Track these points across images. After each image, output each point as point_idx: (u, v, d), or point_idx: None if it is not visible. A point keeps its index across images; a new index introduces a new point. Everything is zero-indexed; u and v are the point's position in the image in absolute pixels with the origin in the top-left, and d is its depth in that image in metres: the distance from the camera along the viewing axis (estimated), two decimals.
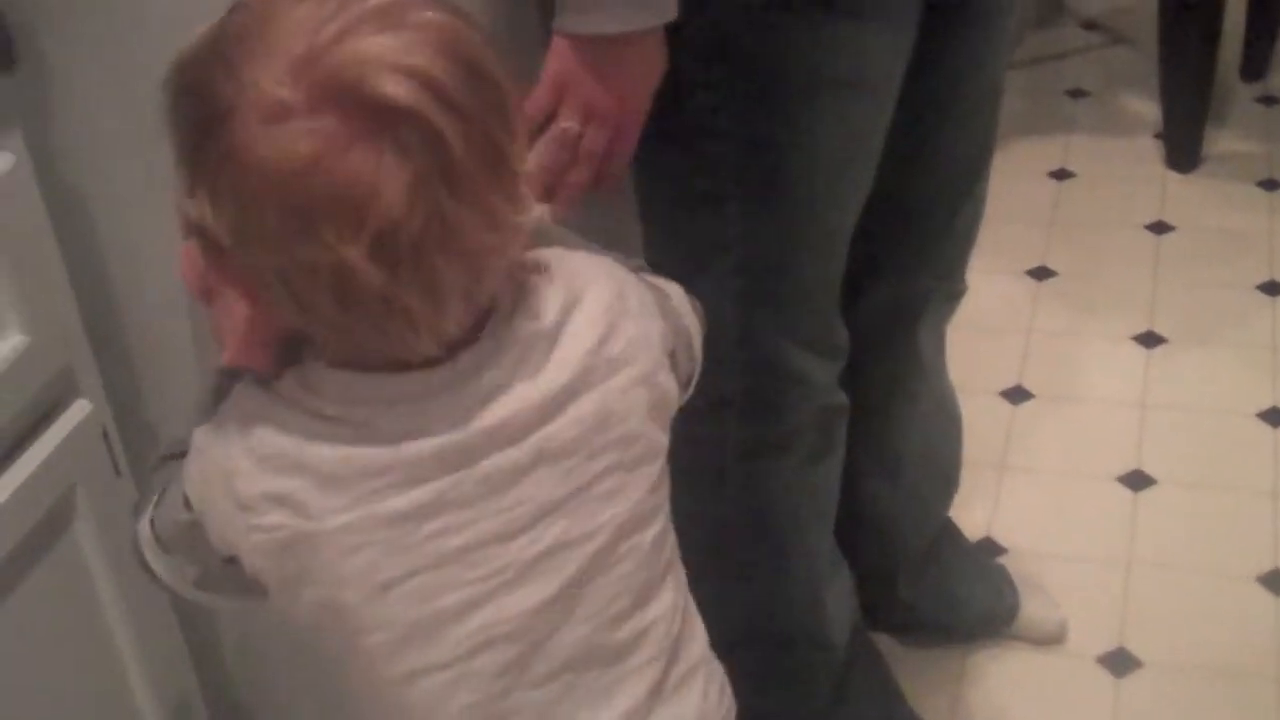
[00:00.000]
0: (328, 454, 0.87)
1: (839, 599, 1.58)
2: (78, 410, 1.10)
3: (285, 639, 1.24)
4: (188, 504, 0.89)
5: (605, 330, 0.90)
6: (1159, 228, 2.45)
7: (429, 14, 0.80)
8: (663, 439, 0.95)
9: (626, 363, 0.91)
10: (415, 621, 0.90)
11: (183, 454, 0.90)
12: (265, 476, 0.87)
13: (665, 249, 1.34)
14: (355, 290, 0.80)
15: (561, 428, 0.89)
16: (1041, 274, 2.38)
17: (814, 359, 1.38)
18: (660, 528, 0.96)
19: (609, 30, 1.12)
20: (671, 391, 0.95)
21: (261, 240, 0.80)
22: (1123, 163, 2.64)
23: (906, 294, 1.50)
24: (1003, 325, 2.27)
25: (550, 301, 0.90)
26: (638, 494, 0.93)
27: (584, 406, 0.90)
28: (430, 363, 0.87)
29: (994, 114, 1.42)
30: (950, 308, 1.57)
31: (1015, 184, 2.54)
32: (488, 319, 0.88)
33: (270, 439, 0.87)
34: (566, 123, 1.16)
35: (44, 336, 1.05)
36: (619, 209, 1.37)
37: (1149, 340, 2.21)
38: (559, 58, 1.14)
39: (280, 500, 0.87)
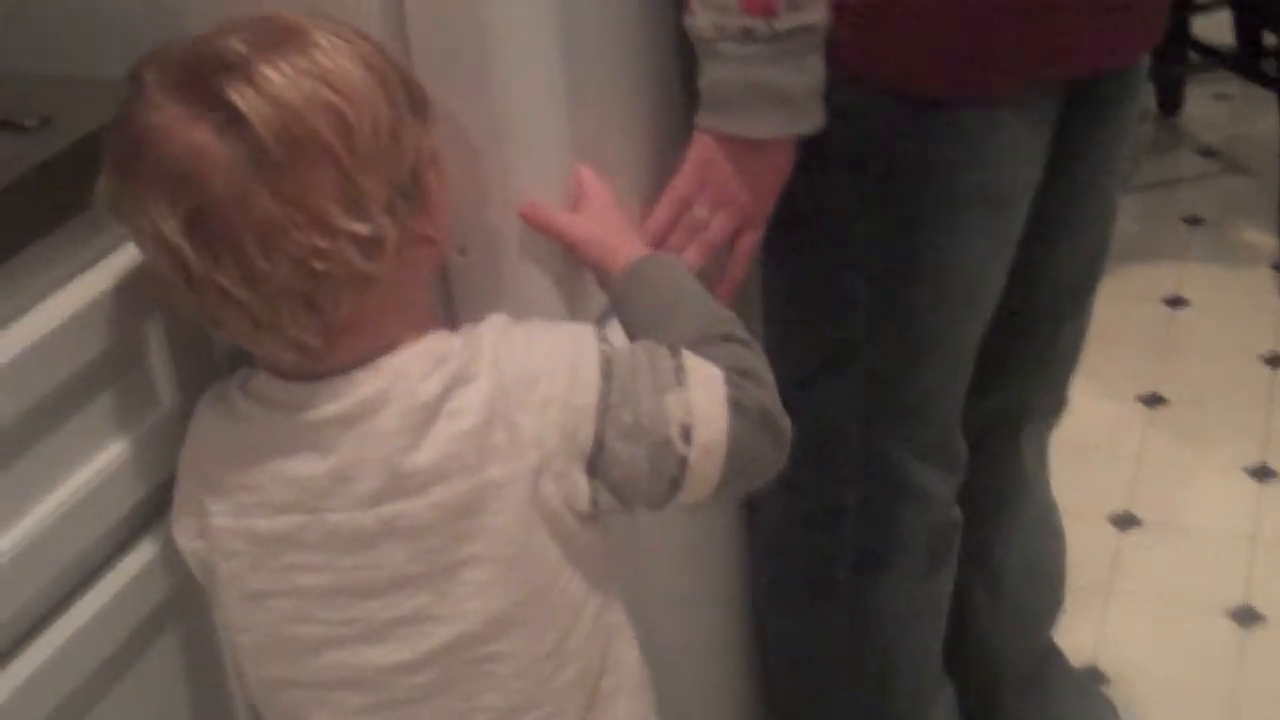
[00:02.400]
0: (220, 454, 0.94)
1: (943, 716, 1.57)
2: None
3: None
4: None
5: (486, 419, 0.90)
6: (1274, 360, 2.43)
7: (321, 42, 0.87)
8: (549, 546, 0.93)
9: (504, 458, 0.90)
10: (277, 636, 0.96)
11: None
12: (188, 466, 0.97)
13: (789, 353, 1.34)
14: (186, 273, 0.87)
15: (419, 509, 0.91)
16: (1153, 400, 2.36)
17: (933, 472, 1.38)
18: (555, 642, 0.95)
19: (756, 135, 1.14)
20: (561, 498, 0.92)
21: (117, 206, 0.90)
22: (1238, 292, 2.62)
23: (1009, 407, 1.50)
24: (1112, 450, 2.25)
25: (439, 372, 0.91)
26: (516, 594, 0.93)
27: (448, 491, 0.90)
28: (305, 377, 0.92)
29: (1106, 236, 1.43)
30: (1051, 423, 1.56)
31: (1129, 309, 2.53)
32: (368, 351, 0.91)
33: (201, 432, 0.97)
34: (698, 211, 1.18)
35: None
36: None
37: (1261, 474, 2.19)
38: (701, 146, 1.16)
39: (190, 495, 0.97)
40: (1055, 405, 1.54)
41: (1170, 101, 3.19)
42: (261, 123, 0.84)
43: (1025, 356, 1.46)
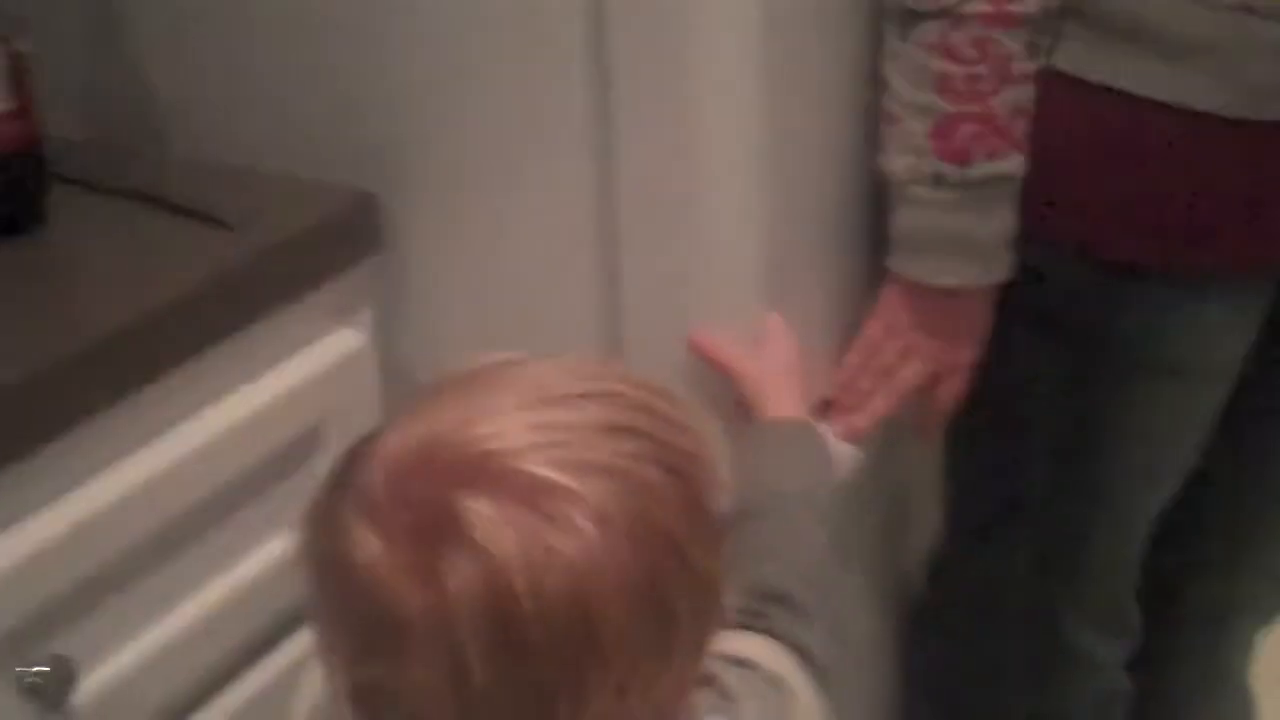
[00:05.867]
0: None
1: None
2: None
3: None
4: None
5: None
6: None
7: (583, 522, 0.65)
8: None
9: None
10: None
11: None
12: None
13: (963, 508, 1.34)
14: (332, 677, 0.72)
15: None
16: None
17: (1100, 638, 1.34)
18: None
19: (941, 282, 1.13)
20: None
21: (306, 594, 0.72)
22: None
23: (1231, 596, 1.44)
24: None
25: None
26: None
27: None
28: None
29: None
30: (1265, 621, 1.48)
31: None
32: None
33: None
34: (887, 356, 1.16)
35: None
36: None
37: None
38: (891, 292, 1.15)
39: None
40: (1273, 604, 1.47)
41: None
42: (475, 630, 0.65)
43: (1256, 541, 1.40)
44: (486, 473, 0.66)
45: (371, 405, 1.07)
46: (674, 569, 0.68)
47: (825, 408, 1.17)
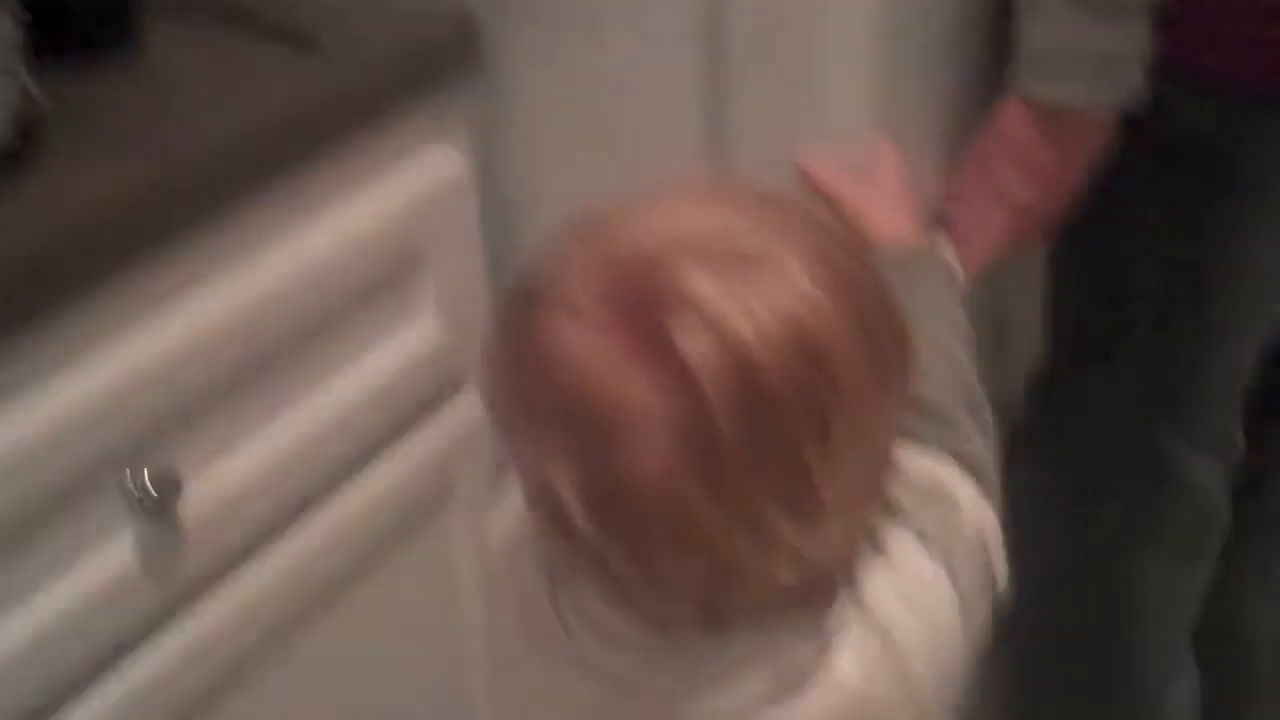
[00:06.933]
0: None
1: (1182, 704, 1.51)
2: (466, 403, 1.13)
3: None
4: None
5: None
6: None
7: (795, 276, 0.68)
8: None
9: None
10: None
11: None
12: None
13: (1067, 335, 1.33)
14: (568, 528, 0.70)
15: None
16: None
17: (1200, 458, 1.33)
18: None
19: (1072, 101, 1.09)
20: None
21: (505, 422, 0.74)
22: None
23: None
24: None
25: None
26: None
27: None
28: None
29: None
30: None
31: None
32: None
33: None
34: (1002, 174, 1.14)
35: (455, 333, 1.09)
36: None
37: None
38: (1013, 110, 1.12)
39: None
40: None
41: None
42: (720, 391, 0.66)
43: None
44: (689, 254, 0.68)
45: (471, 228, 1.07)
46: (880, 312, 0.72)
47: (938, 224, 1.15)
